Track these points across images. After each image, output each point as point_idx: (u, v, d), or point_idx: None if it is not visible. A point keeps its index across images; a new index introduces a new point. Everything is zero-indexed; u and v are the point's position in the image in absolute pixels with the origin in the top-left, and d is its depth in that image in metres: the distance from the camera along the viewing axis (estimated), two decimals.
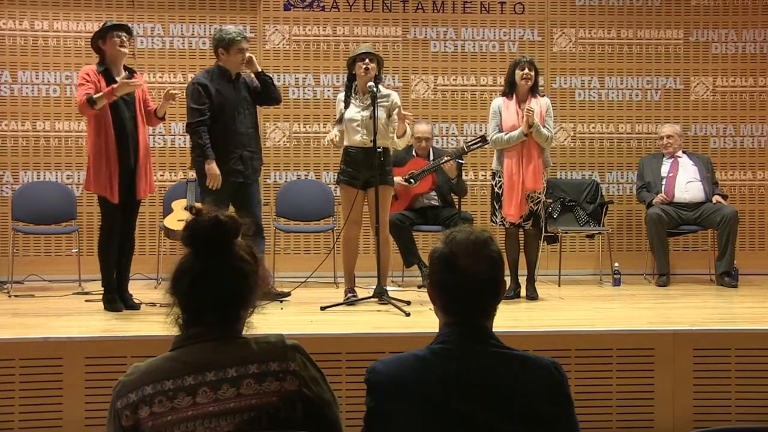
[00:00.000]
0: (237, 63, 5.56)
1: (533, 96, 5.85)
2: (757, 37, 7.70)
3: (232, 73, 5.59)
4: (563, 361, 2.37)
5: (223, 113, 5.50)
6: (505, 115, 5.85)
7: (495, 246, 2.07)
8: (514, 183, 5.80)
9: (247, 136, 5.60)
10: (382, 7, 7.51)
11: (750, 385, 4.39)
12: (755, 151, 7.72)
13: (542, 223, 6.01)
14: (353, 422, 2.17)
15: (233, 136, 5.52)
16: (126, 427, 1.94)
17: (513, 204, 5.80)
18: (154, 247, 7.11)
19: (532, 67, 5.84)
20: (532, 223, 5.89)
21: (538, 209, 5.88)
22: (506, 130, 5.83)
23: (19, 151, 7.18)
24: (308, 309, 5.31)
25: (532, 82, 5.83)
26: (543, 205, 5.96)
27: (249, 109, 5.64)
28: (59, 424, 4.15)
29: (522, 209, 5.81)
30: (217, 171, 5.41)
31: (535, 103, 5.80)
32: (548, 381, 1.99)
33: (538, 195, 5.85)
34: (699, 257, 7.35)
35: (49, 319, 5.11)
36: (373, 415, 1.99)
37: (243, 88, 5.64)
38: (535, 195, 5.83)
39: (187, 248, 2.04)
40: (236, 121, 5.53)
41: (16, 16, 7.18)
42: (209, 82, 5.50)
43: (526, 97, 5.85)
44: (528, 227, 5.91)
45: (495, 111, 5.94)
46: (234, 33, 5.58)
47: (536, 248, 6.02)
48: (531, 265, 5.98)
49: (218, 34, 5.64)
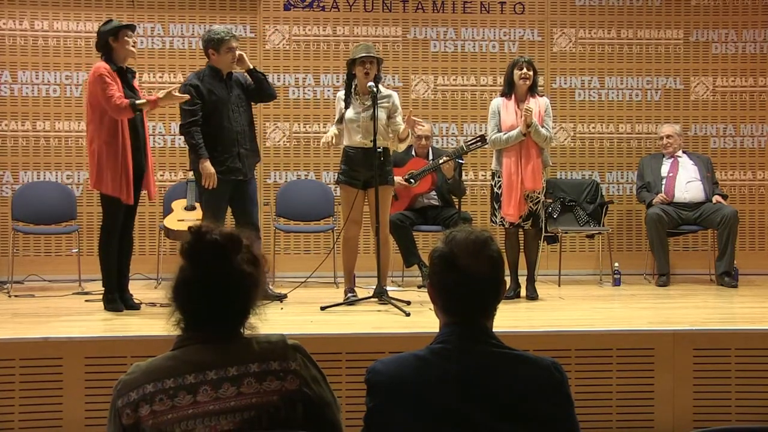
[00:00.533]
0: (228, 62, 5.58)
1: (532, 96, 5.85)
2: (757, 37, 7.70)
3: (223, 73, 5.61)
4: (563, 361, 2.37)
5: (216, 112, 5.52)
6: (504, 115, 5.85)
7: (495, 246, 2.07)
8: (513, 183, 5.80)
9: (243, 134, 5.61)
10: (382, 7, 7.51)
11: (750, 385, 4.39)
12: (755, 151, 7.72)
13: (542, 223, 6.00)
14: (353, 422, 2.17)
15: (229, 135, 5.53)
16: (126, 425, 1.95)
17: (512, 204, 5.80)
18: (154, 247, 7.10)
19: (530, 67, 5.84)
20: (532, 222, 5.89)
21: (538, 209, 5.88)
22: (505, 129, 5.83)
23: (19, 151, 7.18)
24: (308, 309, 5.32)
25: (531, 82, 5.82)
26: (542, 205, 5.96)
27: (243, 107, 5.66)
28: (59, 424, 4.15)
29: (521, 209, 5.81)
30: (212, 169, 5.43)
31: (534, 103, 5.80)
32: (548, 381, 1.99)
33: (537, 195, 5.85)
34: (699, 257, 7.35)
35: (49, 319, 5.11)
36: (373, 415, 1.99)
37: (236, 86, 5.66)
38: (534, 195, 5.83)
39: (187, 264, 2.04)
40: (231, 119, 5.55)
41: (16, 16, 7.18)
42: (200, 83, 5.53)
43: (525, 97, 5.84)
44: (527, 227, 5.91)
45: (494, 111, 5.94)
46: (222, 32, 5.60)
47: (536, 248, 6.02)
48: (531, 265, 5.98)
49: (207, 35, 5.67)
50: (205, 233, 2.03)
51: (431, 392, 1.95)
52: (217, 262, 2.00)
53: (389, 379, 1.98)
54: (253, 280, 2.04)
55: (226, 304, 2.02)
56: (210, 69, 5.60)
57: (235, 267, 2.01)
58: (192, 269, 2.01)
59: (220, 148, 5.50)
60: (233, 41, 5.59)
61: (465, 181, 6.87)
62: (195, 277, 2.01)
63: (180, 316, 2.04)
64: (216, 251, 2.01)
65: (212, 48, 5.56)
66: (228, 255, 2.01)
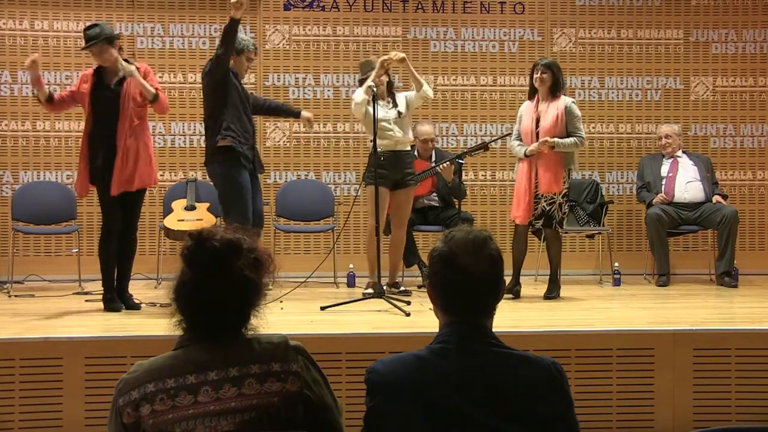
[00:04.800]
0: (242, 70, 5.70)
1: (554, 97, 5.80)
2: (757, 37, 7.70)
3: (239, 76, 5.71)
4: (563, 361, 2.37)
5: (238, 103, 5.56)
6: (524, 119, 5.91)
7: (494, 244, 2.07)
8: (523, 186, 5.81)
9: (253, 133, 5.72)
10: (382, 7, 7.51)
11: (750, 385, 4.39)
12: (755, 151, 7.71)
13: (555, 224, 5.91)
14: (353, 422, 2.17)
15: (246, 127, 5.61)
16: (127, 424, 1.95)
17: (521, 206, 5.82)
18: (154, 247, 7.10)
19: (546, 69, 5.81)
20: (543, 222, 5.88)
21: (552, 209, 5.84)
22: (523, 132, 5.88)
23: (19, 151, 7.18)
24: (308, 309, 5.32)
25: (548, 84, 5.80)
26: (558, 206, 5.86)
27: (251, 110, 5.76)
28: (59, 424, 4.15)
29: (530, 212, 5.81)
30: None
31: (554, 106, 5.76)
32: (548, 381, 1.99)
33: (554, 195, 5.82)
34: (699, 257, 7.35)
35: (49, 319, 5.10)
36: (373, 415, 1.99)
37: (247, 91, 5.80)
38: (549, 195, 5.82)
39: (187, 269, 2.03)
40: (246, 115, 5.65)
41: (16, 16, 7.18)
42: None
43: (547, 98, 5.84)
44: (538, 226, 5.92)
45: (519, 116, 6.01)
46: (248, 42, 5.72)
47: (556, 249, 5.99)
48: (552, 265, 5.99)
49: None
50: (205, 239, 2.02)
51: (431, 392, 1.95)
52: (216, 268, 2.00)
53: (389, 379, 1.98)
54: (254, 285, 2.03)
55: (227, 308, 2.02)
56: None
57: (235, 273, 2.01)
58: (192, 274, 2.01)
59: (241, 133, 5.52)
60: (253, 54, 5.75)
61: (465, 182, 6.86)
62: (195, 283, 2.01)
63: (181, 317, 2.04)
64: (216, 258, 2.00)
65: (234, 51, 5.61)
66: (228, 261, 2.01)
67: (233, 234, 2.05)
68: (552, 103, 5.81)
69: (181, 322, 2.04)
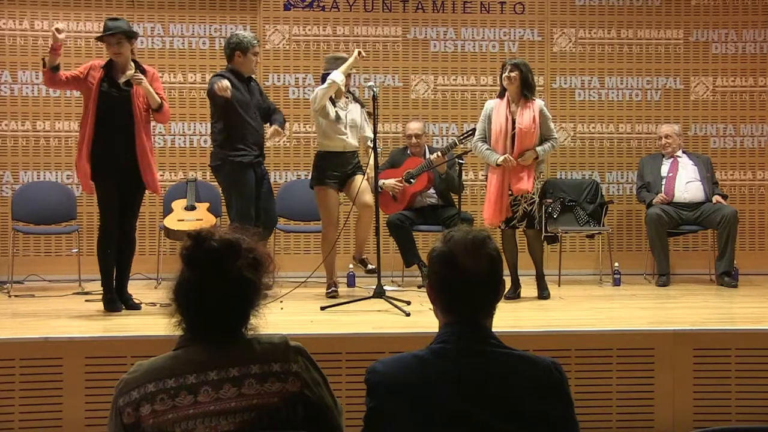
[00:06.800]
0: (251, 66, 5.73)
1: (525, 99, 5.73)
2: (757, 37, 7.70)
3: (244, 75, 5.72)
4: (563, 361, 2.38)
5: (242, 110, 5.60)
6: (495, 118, 5.81)
7: (493, 244, 2.07)
8: (495, 189, 5.76)
9: (261, 136, 5.76)
10: (382, 7, 7.51)
11: (750, 385, 4.39)
12: (755, 151, 7.71)
13: (537, 224, 5.95)
14: (353, 422, 2.17)
15: (253, 133, 5.65)
16: (127, 424, 1.95)
17: (492, 208, 5.77)
18: (154, 247, 7.10)
19: (515, 68, 5.73)
20: (527, 224, 5.87)
21: (533, 210, 5.85)
22: (494, 133, 5.79)
23: (19, 151, 7.18)
24: (308, 309, 5.32)
25: (517, 83, 5.71)
26: (538, 206, 5.91)
27: (258, 112, 5.79)
28: (59, 424, 4.15)
29: (503, 215, 5.77)
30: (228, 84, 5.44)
31: (528, 110, 5.71)
32: (548, 381, 1.99)
33: (531, 196, 5.82)
34: (699, 257, 7.35)
35: (49, 319, 5.11)
36: (373, 415, 1.99)
37: (256, 92, 5.81)
38: (528, 196, 5.80)
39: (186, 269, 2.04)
40: (254, 119, 5.69)
41: (16, 16, 7.18)
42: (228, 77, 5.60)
43: (517, 99, 5.77)
44: (522, 228, 5.89)
45: (484, 115, 5.89)
46: (250, 37, 5.77)
47: (539, 248, 6.01)
48: (537, 265, 5.98)
49: (235, 38, 5.76)
50: (204, 240, 2.02)
51: (431, 392, 1.95)
52: (215, 269, 2.00)
53: (389, 379, 1.98)
54: (253, 285, 2.03)
55: (226, 309, 2.02)
56: (232, 71, 5.67)
57: (234, 273, 2.01)
58: (191, 275, 2.02)
59: (247, 141, 5.61)
60: (258, 47, 5.78)
61: (465, 182, 6.86)
62: (194, 283, 2.01)
63: (180, 317, 2.04)
64: (214, 258, 2.00)
65: (240, 50, 5.66)
66: (227, 262, 2.01)
67: (232, 234, 2.05)
68: (526, 106, 5.73)
69: (180, 322, 2.04)
